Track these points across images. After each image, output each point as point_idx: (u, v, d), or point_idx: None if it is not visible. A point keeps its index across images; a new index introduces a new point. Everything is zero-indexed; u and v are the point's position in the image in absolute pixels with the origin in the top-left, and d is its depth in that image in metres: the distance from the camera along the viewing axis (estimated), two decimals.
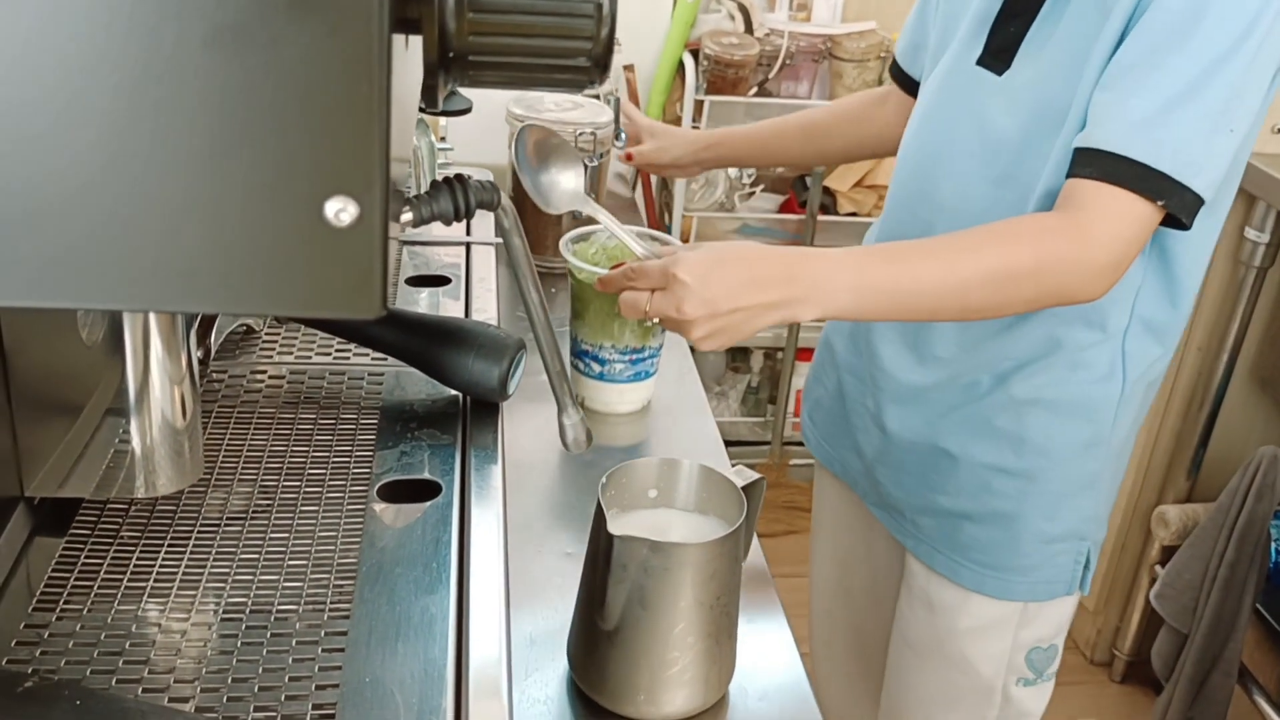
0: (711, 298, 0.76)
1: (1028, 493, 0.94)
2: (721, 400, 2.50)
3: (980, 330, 0.92)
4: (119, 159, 0.37)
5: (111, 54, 0.35)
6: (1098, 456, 0.94)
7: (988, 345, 0.92)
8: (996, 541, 0.96)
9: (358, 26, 0.35)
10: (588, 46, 0.41)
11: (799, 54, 2.23)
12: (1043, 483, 0.94)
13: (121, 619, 0.64)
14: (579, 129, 1.15)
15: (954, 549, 0.98)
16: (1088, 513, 0.96)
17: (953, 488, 0.97)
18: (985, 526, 0.96)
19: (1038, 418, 0.92)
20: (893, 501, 1.03)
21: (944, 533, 0.99)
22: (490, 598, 0.68)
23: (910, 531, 1.02)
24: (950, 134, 0.93)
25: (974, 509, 0.96)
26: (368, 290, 0.38)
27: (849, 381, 1.06)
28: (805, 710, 0.68)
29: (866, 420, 1.04)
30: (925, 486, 0.99)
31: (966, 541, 0.97)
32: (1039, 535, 0.95)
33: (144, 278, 0.39)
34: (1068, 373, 0.91)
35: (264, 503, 0.75)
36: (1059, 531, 0.96)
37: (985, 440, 0.94)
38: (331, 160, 0.37)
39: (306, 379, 0.90)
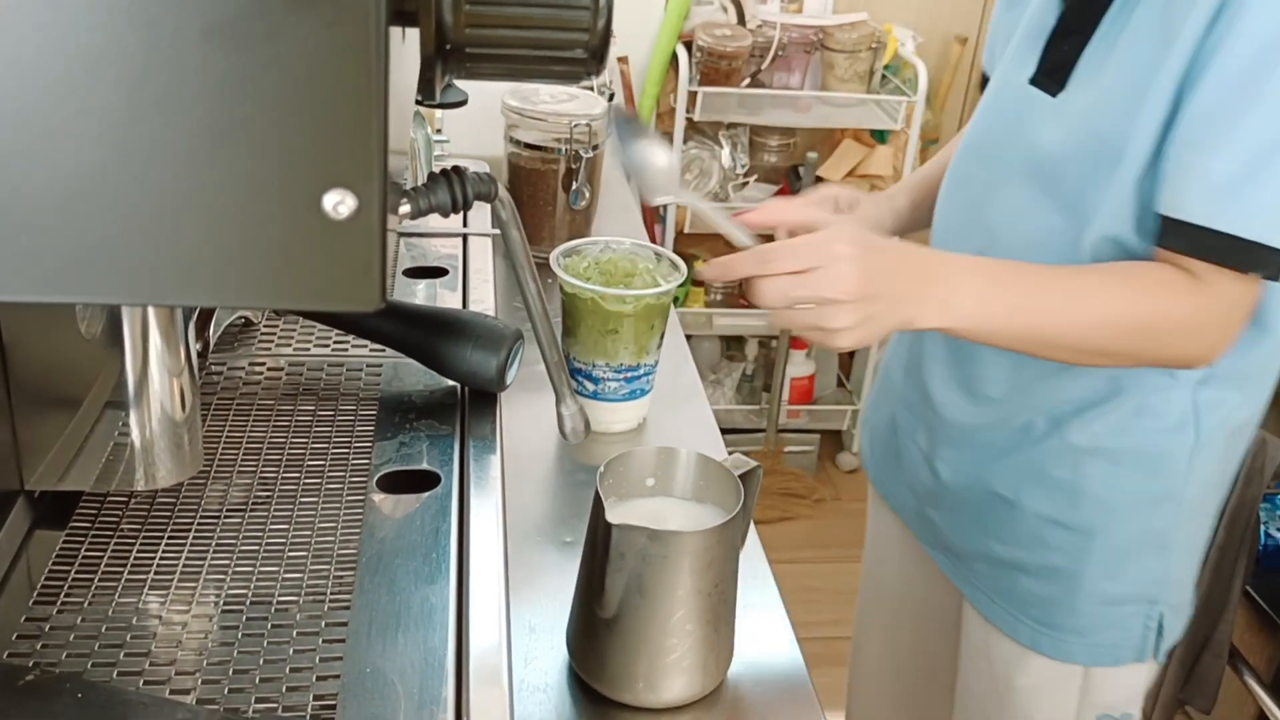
0: (871, 277, 0.69)
1: (1086, 549, 0.87)
2: (717, 388, 2.50)
3: (1035, 370, 0.86)
4: (117, 153, 0.37)
5: (109, 48, 0.35)
6: (1167, 514, 0.87)
7: (1042, 386, 0.86)
8: (1053, 598, 0.89)
9: (355, 19, 0.35)
10: (584, 38, 0.41)
11: (791, 45, 2.23)
12: (1103, 539, 0.87)
13: (122, 611, 0.65)
14: (574, 121, 1.15)
15: (1010, 601, 0.92)
16: (1157, 574, 0.88)
17: (1008, 536, 0.91)
18: (1041, 581, 0.90)
19: (1097, 468, 0.85)
20: (948, 543, 0.98)
21: (1000, 582, 0.93)
22: (490, 587, 0.69)
23: (966, 576, 0.96)
24: (1002, 157, 0.87)
25: (1029, 561, 0.90)
26: (367, 282, 0.38)
27: (902, 415, 1.00)
28: (803, 696, 0.69)
29: (918, 457, 0.98)
30: (980, 531, 0.93)
31: (1023, 595, 0.91)
32: (1099, 596, 0.88)
33: (143, 272, 0.39)
34: (1132, 420, 0.84)
35: (264, 494, 0.75)
36: (1122, 593, 0.88)
37: (1040, 489, 0.88)
38: (330, 153, 0.37)
39: (305, 371, 0.90)
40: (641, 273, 0.92)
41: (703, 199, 0.81)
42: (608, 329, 0.88)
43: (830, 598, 2.23)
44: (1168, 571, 0.89)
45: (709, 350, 2.57)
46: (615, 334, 0.89)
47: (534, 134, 1.16)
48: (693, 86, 2.19)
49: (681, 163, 2.27)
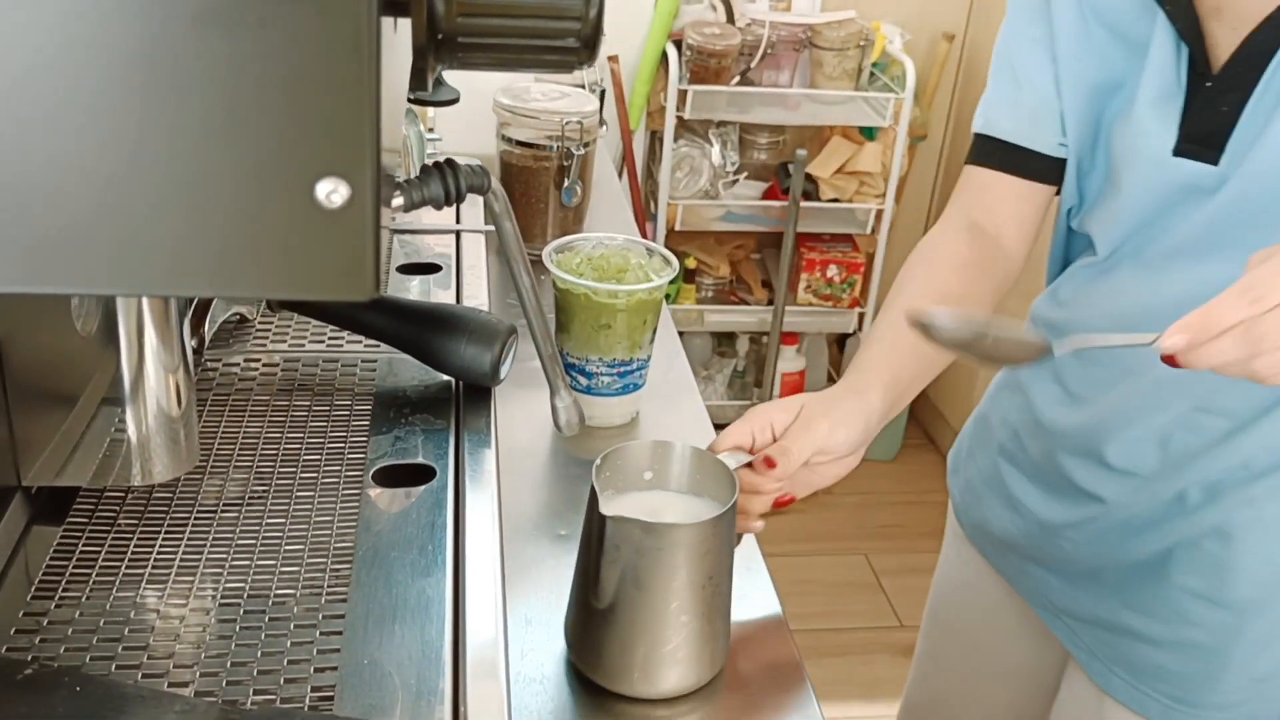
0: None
1: (1238, 628, 0.81)
2: (708, 384, 2.51)
3: (1191, 441, 0.79)
4: (108, 142, 0.37)
5: (99, 36, 0.35)
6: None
7: (1199, 458, 0.79)
8: (1193, 676, 0.83)
9: (347, 6, 0.35)
10: (577, 27, 0.41)
11: (780, 43, 2.24)
12: (1255, 617, 0.80)
13: (120, 605, 0.65)
14: (566, 118, 1.16)
15: (1137, 675, 0.85)
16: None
17: (1144, 608, 0.84)
18: (1181, 657, 0.83)
19: (1254, 541, 0.79)
20: (1058, 604, 0.91)
21: (1126, 653, 0.86)
22: (486, 579, 0.69)
23: (1079, 641, 0.89)
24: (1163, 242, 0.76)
25: (1168, 636, 0.83)
26: (360, 271, 0.38)
27: (1010, 472, 0.92)
28: (798, 688, 0.69)
29: (1031, 519, 0.90)
30: (1107, 598, 0.86)
31: (1155, 670, 0.84)
32: (1248, 673, 0.82)
33: (135, 261, 0.39)
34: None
35: (260, 489, 0.75)
36: (1274, 670, 0.82)
37: (1189, 562, 0.81)
38: (322, 141, 0.37)
39: (300, 366, 0.90)
40: (634, 268, 0.92)
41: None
42: (601, 324, 0.89)
43: (822, 590, 2.24)
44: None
45: (701, 346, 2.57)
46: (608, 329, 0.89)
47: (526, 132, 1.17)
48: (683, 85, 2.19)
49: (672, 161, 2.27)
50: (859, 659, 2.06)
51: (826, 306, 2.45)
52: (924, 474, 2.60)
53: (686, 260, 2.44)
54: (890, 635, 2.13)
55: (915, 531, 2.39)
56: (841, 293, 2.44)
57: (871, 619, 2.16)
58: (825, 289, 2.43)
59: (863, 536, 2.39)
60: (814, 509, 2.47)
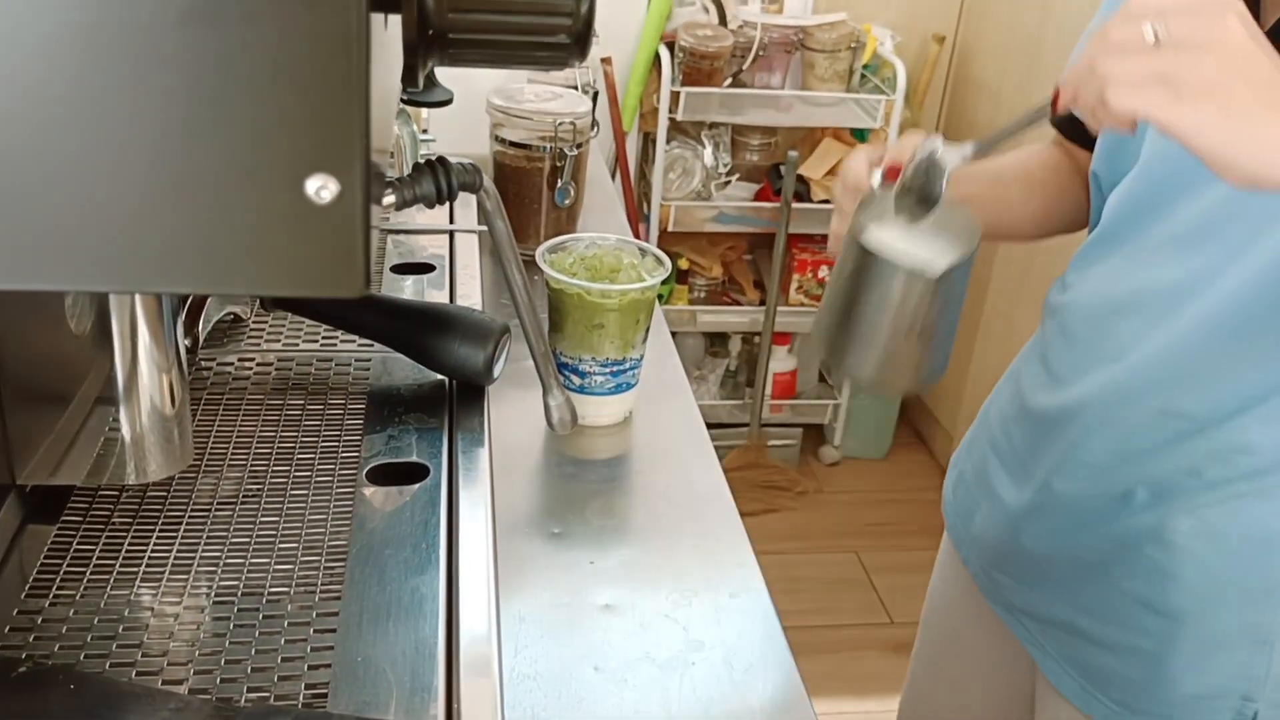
0: (1255, 59, 0.55)
1: (1175, 636, 0.81)
2: (701, 384, 2.51)
3: (1147, 439, 0.79)
4: (96, 138, 0.37)
5: (85, 31, 0.35)
6: (1270, 608, 0.78)
7: (1152, 455, 0.80)
8: (1136, 681, 0.83)
9: (336, 1, 0.35)
10: (568, 23, 0.41)
11: (772, 45, 2.24)
12: (1194, 627, 0.80)
13: (114, 604, 0.65)
14: (559, 119, 1.16)
15: (1088, 676, 0.86)
16: (1255, 671, 0.80)
17: (1092, 607, 0.85)
18: (1124, 661, 0.84)
19: (1196, 550, 0.79)
20: (1019, 606, 0.92)
21: (1078, 655, 0.87)
22: (479, 577, 0.69)
23: (1040, 642, 0.90)
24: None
25: (1112, 639, 0.84)
26: (350, 268, 0.38)
27: (994, 466, 0.94)
28: (790, 684, 0.69)
29: (1001, 515, 0.92)
30: (1059, 598, 0.88)
31: (1101, 672, 0.85)
32: (1186, 686, 0.82)
33: (124, 259, 0.38)
34: (1242, 502, 0.77)
35: (254, 488, 0.75)
36: (1213, 685, 0.81)
37: (1133, 565, 0.81)
38: (311, 137, 0.36)
39: (294, 365, 0.90)
40: (626, 268, 0.93)
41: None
42: (593, 324, 0.89)
43: (813, 587, 2.25)
44: (1268, 669, 0.80)
45: (693, 346, 2.58)
46: (601, 329, 0.89)
47: (519, 132, 1.17)
48: (675, 87, 2.20)
49: (665, 162, 2.28)
50: (850, 655, 2.07)
51: (818, 307, 2.45)
52: (914, 472, 2.61)
53: (679, 261, 2.44)
54: (881, 632, 2.13)
55: (906, 529, 2.40)
56: None
57: (862, 616, 2.17)
58: (817, 289, 2.44)
59: (853, 534, 2.39)
60: (805, 506, 2.47)
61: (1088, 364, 0.85)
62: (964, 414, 2.47)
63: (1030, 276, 2.22)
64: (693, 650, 0.70)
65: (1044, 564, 0.88)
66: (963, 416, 2.48)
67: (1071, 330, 0.87)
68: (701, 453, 0.91)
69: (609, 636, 0.71)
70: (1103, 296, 0.84)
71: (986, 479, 0.95)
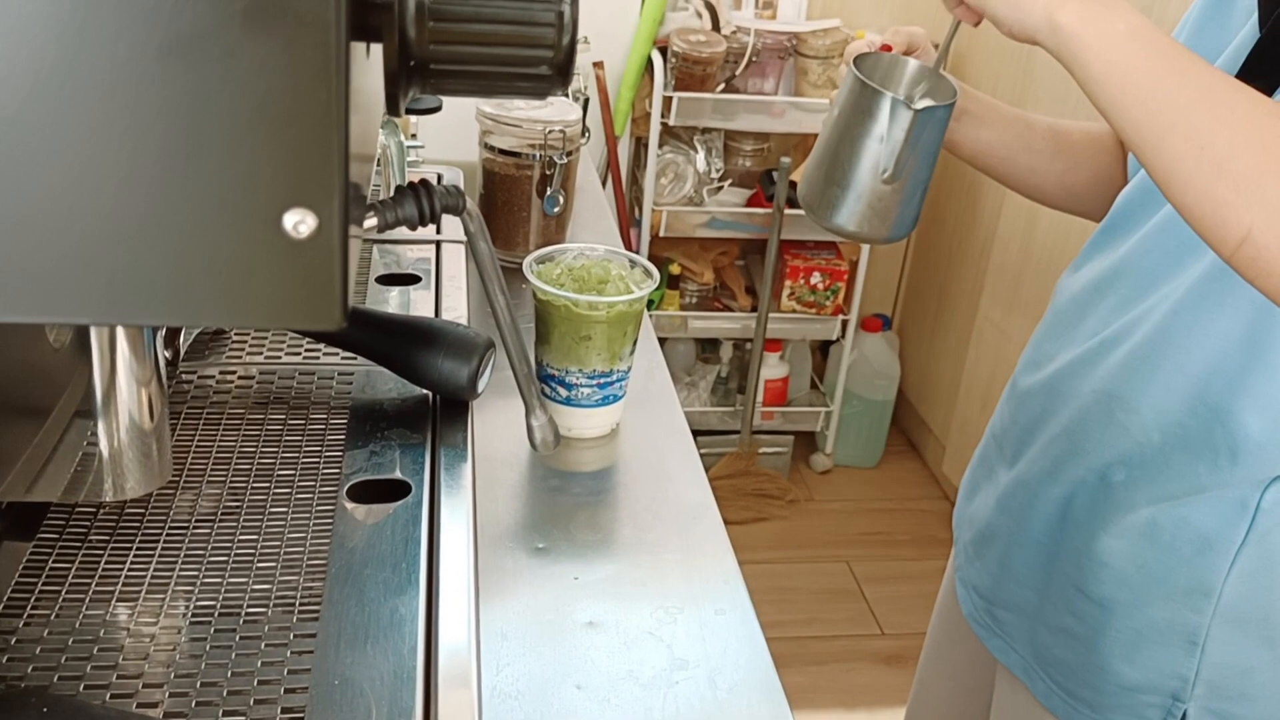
0: None
1: (1104, 624, 0.83)
2: (692, 390, 2.51)
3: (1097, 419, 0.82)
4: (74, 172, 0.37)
5: (64, 66, 0.35)
6: (1199, 609, 0.79)
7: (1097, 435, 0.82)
8: (1070, 663, 0.86)
9: (315, 38, 0.34)
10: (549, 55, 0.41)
11: (765, 51, 2.24)
12: (1122, 618, 0.82)
13: (89, 623, 0.64)
14: (549, 127, 1.15)
15: (1032, 653, 0.89)
16: (1184, 672, 0.80)
17: (1035, 583, 0.87)
18: (1060, 642, 0.86)
19: (1127, 540, 0.80)
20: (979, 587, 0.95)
21: (1024, 631, 0.90)
22: (459, 595, 0.69)
23: (987, 623, 0.94)
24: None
25: (1051, 618, 0.87)
26: (328, 301, 0.38)
27: (989, 445, 0.97)
28: (774, 705, 0.69)
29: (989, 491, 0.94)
30: (1008, 574, 0.90)
31: (1043, 650, 0.88)
32: (1116, 676, 0.83)
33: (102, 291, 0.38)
34: (1180, 497, 0.78)
35: (233, 504, 0.75)
36: (1141, 680, 0.82)
37: (1071, 547, 0.84)
38: (290, 172, 0.36)
39: (276, 379, 0.90)
40: (614, 279, 0.92)
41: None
42: (581, 336, 0.89)
43: (804, 598, 2.25)
44: (1197, 672, 0.81)
45: (684, 352, 2.57)
46: (588, 341, 0.89)
47: (509, 140, 1.17)
48: (668, 91, 2.19)
49: (657, 167, 2.27)
50: (840, 667, 2.06)
51: (810, 314, 2.45)
52: (907, 481, 2.61)
53: (670, 266, 2.44)
54: (872, 643, 2.13)
55: (898, 539, 2.40)
56: (825, 300, 2.44)
57: (853, 627, 2.17)
58: (809, 296, 2.44)
59: (844, 543, 2.39)
60: (796, 515, 2.47)
61: (1063, 344, 0.88)
62: (956, 422, 2.47)
63: (1023, 286, 2.22)
64: (676, 669, 0.70)
65: (1010, 544, 0.91)
66: (955, 425, 2.48)
67: (1058, 309, 0.91)
68: (688, 465, 0.91)
69: (592, 654, 0.70)
70: (1089, 279, 0.87)
71: (988, 458, 0.98)
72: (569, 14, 0.41)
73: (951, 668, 1.09)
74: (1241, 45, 0.77)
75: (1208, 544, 0.78)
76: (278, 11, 0.34)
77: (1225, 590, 0.78)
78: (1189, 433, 0.77)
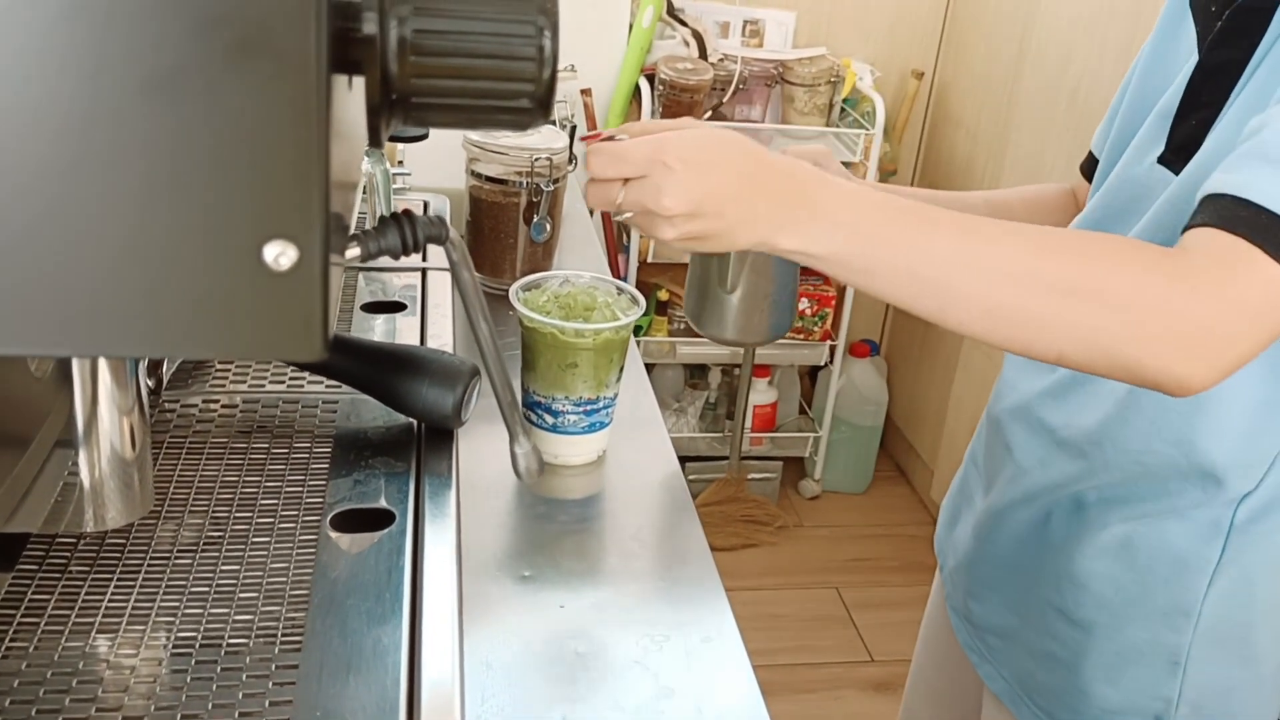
0: (699, 196, 0.63)
1: (1086, 646, 0.83)
2: (680, 416, 2.51)
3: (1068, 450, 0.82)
4: (56, 205, 0.37)
5: (48, 101, 0.35)
6: (1179, 629, 0.79)
7: (1070, 465, 0.82)
8: (1055, 689, 0.85)
9: (296, 73, 0.35)
10: (530, 88, 0.41)
11: (752, 79, 2.26)
12: (1103, 640, 0.82)
13: (69, 655, 0.64)
14: (535, 155, 1.16)
15: (1019, 681, 0.89)
16: (1166, 692, 0.80)
17: (1021, 611, 0.87)
18: (1045, 669, 0.86)
19: (1106, 563, 0.80)
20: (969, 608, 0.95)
21: (1007, 656, 0.90)
22: (443, 625, 0.68)
23: (981, 650, 0.94)
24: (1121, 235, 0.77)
25: (1035, 645, 0.87)
26: (309, 333, 0.38)
27: (970, 471, 0.98)
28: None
29: (969, 522, 0.95)
30: (998, 602, 0.91)
31: (1028, 678, 0.88)
32: (1099, 699, 0.83)
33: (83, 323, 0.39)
34: (1155, 519, 0.78)
35: (215, 534, 0.74)
36: (1124, 702, 0.82)
37: (1052, 573, 0.84)
38: (270, 204, 0.37)
39: (260, 408, 0.89)
40: (601, 306, 0.92)
41: None
42: (567, 363, 0.89)
43: (793, 624, 2.24)
44: (1180, 691, 0.81)
45: (672, 378, 2.58)
46: (574, 368, 0.89)
47: (495, 167, 1.17)
48: (655, 119, 2.20)
49: None
50: (830, 694, 2.05)
51: (798, 339, 2.46)
52: (895, 506, 2.61)
53: (659, 292, 2.44)
54: (861, 670, 2.12)
55: (887, 565, 2.40)
56: (813, 326, 2.45)
57: (842, 654, 2.16)
58: (797, 322, 2.45)
59: (833, 570, 2.39)
60: (785, 541, 2.47)
61: (1028, 374, 0.89)
62: (945, 448, 2.48)
63: None
64: (663, 697, 0.70)
65: (991, 570, 0.91)
66: (943, 451, 2.49)
67: None
68: (675, 492, 0.91)
69: (578, 683, 0.70)
70: None
71: (967, 485, 0.98)
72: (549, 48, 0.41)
73: (938, 694, 1.09)
74: (1185, 78, 0.79)
75: (1184, 564, 0.78)
76: (259, 48, 0.34)
77: (1204, 610, 0.78)
78: (1156, 459, 0.78)
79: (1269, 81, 0.70)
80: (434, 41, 0.41)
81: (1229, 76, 0.73)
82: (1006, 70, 2.28)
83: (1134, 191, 0.80)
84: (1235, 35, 0.73)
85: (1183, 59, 0.80)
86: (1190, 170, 0.74)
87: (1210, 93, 0.75)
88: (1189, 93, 0.77)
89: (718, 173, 0.64)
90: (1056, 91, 2.12)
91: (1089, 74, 2.05)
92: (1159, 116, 0.79)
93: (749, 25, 2.39)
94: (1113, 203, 0.83)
